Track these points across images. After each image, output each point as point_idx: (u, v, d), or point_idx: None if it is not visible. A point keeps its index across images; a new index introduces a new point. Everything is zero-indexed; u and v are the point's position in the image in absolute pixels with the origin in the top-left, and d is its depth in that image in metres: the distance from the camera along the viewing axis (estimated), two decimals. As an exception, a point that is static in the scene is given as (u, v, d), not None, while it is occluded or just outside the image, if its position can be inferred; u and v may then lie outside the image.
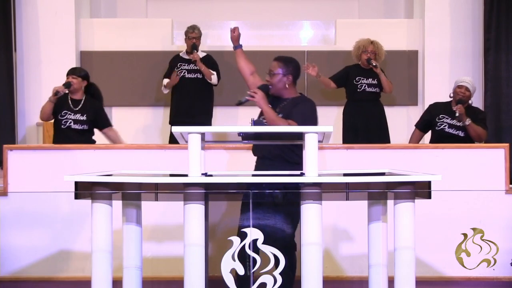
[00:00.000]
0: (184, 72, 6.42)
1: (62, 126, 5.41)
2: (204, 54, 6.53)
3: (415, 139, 5.56)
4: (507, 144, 4.89)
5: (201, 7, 7.75)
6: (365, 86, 6.11)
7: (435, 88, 6.90)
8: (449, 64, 7.05)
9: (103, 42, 7.18)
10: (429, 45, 7.09)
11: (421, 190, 3.04)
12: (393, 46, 7.09)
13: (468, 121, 5.21)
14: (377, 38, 6.34)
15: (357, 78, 6.14)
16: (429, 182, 3.03)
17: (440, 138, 5.38)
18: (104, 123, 5.56)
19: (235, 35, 4.36)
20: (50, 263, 4.80)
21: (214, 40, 7.56)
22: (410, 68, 7.21)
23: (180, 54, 6.60)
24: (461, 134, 5.31)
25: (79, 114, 5.44)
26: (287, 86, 3.93)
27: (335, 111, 6.84)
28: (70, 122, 5.42)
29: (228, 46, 7.42)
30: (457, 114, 5.23)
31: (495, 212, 4.79)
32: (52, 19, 6.98)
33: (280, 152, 3.81)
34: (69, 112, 5.42)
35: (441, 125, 5.37)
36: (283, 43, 7.61)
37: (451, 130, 5.34)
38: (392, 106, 6.83)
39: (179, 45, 6.84)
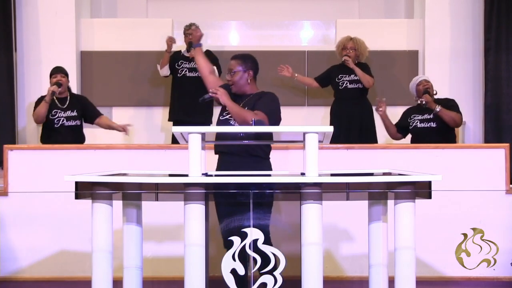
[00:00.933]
0: (185, 71, 6.42)
1: (55, 125, 5.47)
2: (204, 50, 6.52)
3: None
4: (507, 144, 4.89)
5: (201, 7, 7.75)
6: (346, 83, 6.15)
7: (435, 88, 6.87)
8: (449, 64, 7.05)
9: (103, 42, 7.18)
10: (429, 45, 7.08)
11: (422, 190, 3.04)
12: (393, 46, 7.10)
13: (438, 107, 5.35)
14: (377, 38, 6.35)
15: (339, 76, 6.19)
16: (429, 182, 3.03)
17: (416, 135, 5.53)
18: (94, 114, 5.66)
19: (199, 35, 4.56)
20: (50, 263, 4.80)
21: (214, 40, 7.56)
22: (410, 68, 7.21)
23: (182, 51, 6.61)
24: (433, 125, 5.41)
25: (69, 110, 5.51)
26: (248, 81, 3.94)
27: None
28: (63, 120, 5.47)
29: (228, 46, 7.50)
30: (424, 102, 5.41)
31: (495, 212, 4.79)
32: (52, 19, 6.98)
33: (246, 147, 3.80)
34: (59, 111, 5.48)
35: (414, 123, 5.47)
36: (283, 43, 7.61)
37: (422, 125, 5.44)
38: (392, 106, 6.83)
39: (179, 45, 6.84)
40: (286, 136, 3.42)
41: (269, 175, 3.28)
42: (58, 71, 5.58)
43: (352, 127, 6.07)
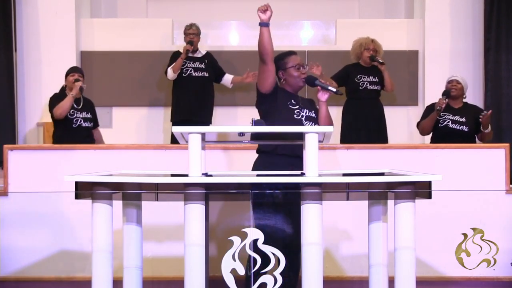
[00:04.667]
0: (191, 71, 6.41)
1: (73, 125, 5.41)
2: (204, 52, 6.53)
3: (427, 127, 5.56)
4: (507, 144, 4.89)
5: (201, 7, 7.75)
6: (367, 84, 6.12)
7: (435, 88, 6.87)
8: (449, 64, 7.05)
9: (103, 42, 7.18)
10: (429, 45, 7.09)
11: (422, 190, 3.03)
12: (393, 46, 7.09)
13: (489, 129, 5.35)
14: (377, 38, 6.34)
15: (358, 76, 6.14)
16: (430, 182, 3.03)
17: (445, 135, 5.42)
18: (96, 122, 5.63)
19: (269, 14, 4.05)
20: (50, 263, 4.80)
21: (214, 40, 7.56)
22: (410, 68, 7.21)
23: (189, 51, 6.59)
24: (465, 129, 5.36)
25: (85, 112, 5.48)
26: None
27: (333, 112, 6.85)
28: (81, 121, 5.44)
29: (228, 46, 7.50)
30: (437, 108, 5.35)
31: (495, 212, 4.79)
32: (52, 19, 6.98)
33: (296, 148, 3.62)
34: (76, 111, 5.42)
35: (444, 122, 5.40)
36: (283, 43, 7.59)
37: (454, 126, 5.37)
38: (392, 106, 6.83)
39: (179, 45, 6.84)
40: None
41: (269, 175, 3.27)
42: (77, 71, 5.52)
43: (370, 127, 6.06)
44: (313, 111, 3.83)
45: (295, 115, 3.72)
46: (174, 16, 7.43)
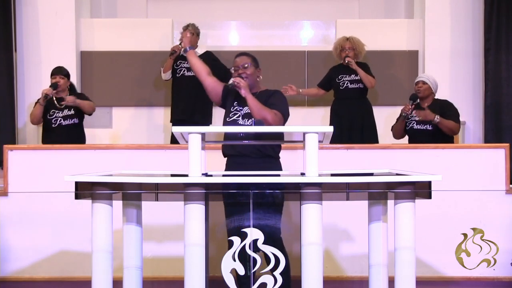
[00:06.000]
0: (184, 70, 6.42)
1: (53, 125, 5.50)
2: (204, 51, 6.53)
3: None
4: (507, 144, 4.89)
5: (201, 7, 7.75)
6: (347, 83, 6.14)
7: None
8: (449, 64, 7.05)
9: (103, 42, 7.18)
10: (429, 45, 7.09)
11: (422, 190, 3.03)
12: (393, 46, 7.10)
13: (437, 118, 5.26)
14: (377, 38, 6.35)
15: (339, 77, 6.18)
16: (429, 182, 3.03)
17: (412, 137, 5.48)
18: (84, 110, 5.62)
19: (188, 37, 4.66)
20: (50, 263, 4.80)
21: (214, 40, 7.56)
22: (410, 68, 7.21)
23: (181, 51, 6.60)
24: (429, 127, 5.35)
25: (67, 109, 5.51)
26: (258, 79, 3.94)
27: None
28: (60, 120, 5.49)
29: (228, 46, 7.50)
30: (416, 118, 5.34)
31: (495, 212, 4.79)
32: (52, 19, 6.98)
33: (256, 147, 3.77)
34: (56, 111, 5.50)
35: (410, 124, 5.43)
36: (283, 43, 7.61)
37: (419, 126, 5.40)
38: (392, 106, 6.83)
39: (178, 44, 6.83)
40: (289, 136, 3.41)
41: (270, 175, 3.27)
42: (58, 72, 5.59)
43: (353, 127, 6.06)
44: None
45: (228, 118, 3.88)
46: (174, 16, 7.43)
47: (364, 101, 6.20)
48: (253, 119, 3.78)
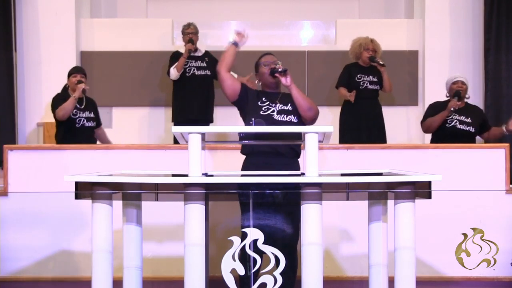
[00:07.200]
0: (194, 70, 6.40)
1: (77, 125, 5.36)
2: (203, 51, 6.53)
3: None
4: (507, 144, 4.89)
5: (201, 7, 7.75)
6: (367, 84, 6.09)
7: (435, 88, 6.88)
8: (449, 64, 7.06)
9: (103, 42, 7.18)
10: (429, 45, 7.09)
11: (421, 190, 3.04)
12: (393, 46, 7.09)
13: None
14: (377, 38, 6.33)
15: (358, 76, 6.10)
16: (429, 182, 3.03)
17: (451, 135, 5.41)
18: (99, 121, 5.61)
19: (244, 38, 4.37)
20: (50, 263, 4.80)
21: (214, 40, 7.55)
22: (410, 68, 7.21)
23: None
24: (471, 129, 5.38)
25: (87, 111, 5.44)
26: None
27: (332, 112, 6.87)
28: (84, 120, 5.40)
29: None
30: (452, 109, 5.36)
31: (495, 212, 4.79)
32: (52, 19, 6.98)
33: (277, 147, 3.77)
34: (79, 111, 5.40)
35: (452, 122, 5.40)
36: (283, 43, 7.61)
37: (462, 127, 5.38)
38: (392, 106, 6.83)
39: (179, 45, 6.84)
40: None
41: (269, 175, 3.27)
42: (79, 71, 5.44)
43: (370, 127, 6.05)
44: (289, 104, 3.88)
45: (261, 112, 3.82)
46: (174, 16, 7.43)
47: (378, 103, 6.20)
48: (292, 115, 3.80)
